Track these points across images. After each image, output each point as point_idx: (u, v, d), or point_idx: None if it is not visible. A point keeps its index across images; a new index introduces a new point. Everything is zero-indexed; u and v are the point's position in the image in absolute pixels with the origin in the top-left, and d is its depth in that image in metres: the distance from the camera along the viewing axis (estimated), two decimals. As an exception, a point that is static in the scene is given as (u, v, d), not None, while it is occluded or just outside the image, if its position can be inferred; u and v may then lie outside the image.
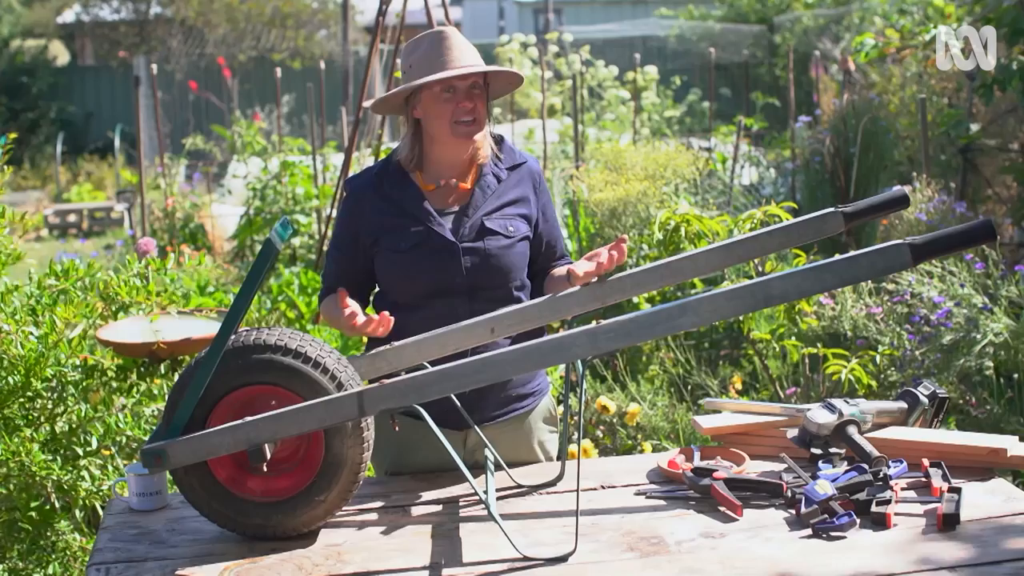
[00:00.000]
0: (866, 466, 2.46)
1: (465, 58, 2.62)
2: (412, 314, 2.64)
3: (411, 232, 2.64)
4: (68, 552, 3.21)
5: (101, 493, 3.15)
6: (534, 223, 2.75)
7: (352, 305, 2.49)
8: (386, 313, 2.47)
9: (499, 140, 2.77)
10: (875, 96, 7.59)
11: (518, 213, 2.72)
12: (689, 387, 4.97)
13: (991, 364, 4.23)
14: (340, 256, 2.74)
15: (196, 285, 5.71)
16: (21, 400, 3.14)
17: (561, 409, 2.92)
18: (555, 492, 2.59)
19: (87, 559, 2.60)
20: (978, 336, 4.17)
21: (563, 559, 2.23)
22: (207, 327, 3.52)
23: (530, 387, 2.79)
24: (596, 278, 2.50)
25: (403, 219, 2.66)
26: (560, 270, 2.75)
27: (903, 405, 2.72)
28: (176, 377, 3.20)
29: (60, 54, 22.30)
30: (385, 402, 2.29)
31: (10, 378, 3.10)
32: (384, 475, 2.80)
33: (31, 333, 3.15)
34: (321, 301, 2.76)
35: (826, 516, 2.30)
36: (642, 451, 4.28)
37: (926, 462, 2.49)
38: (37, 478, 3.08)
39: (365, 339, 2.82)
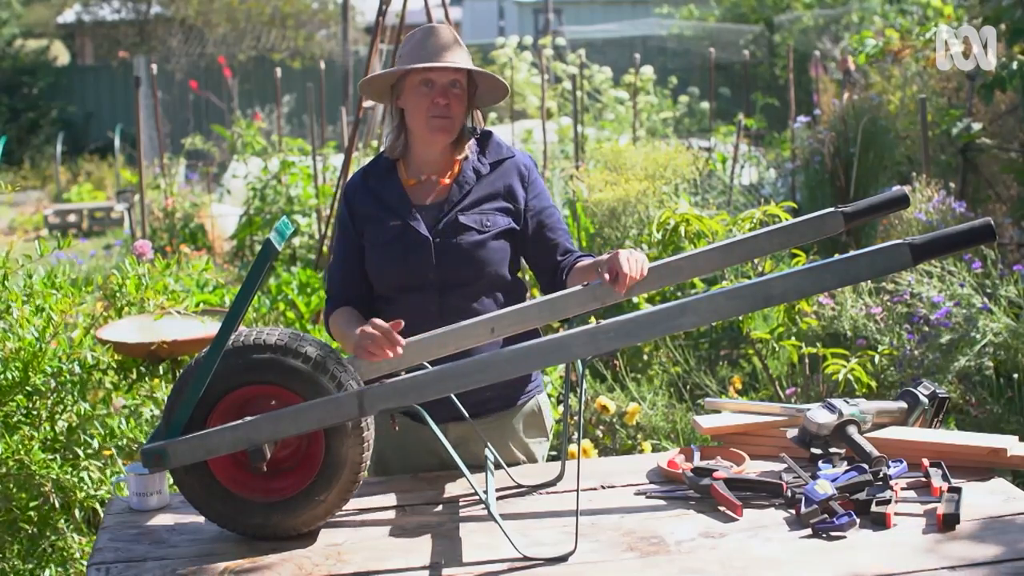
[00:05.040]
0: (866, 466, 2.46)
1: (450, 55, 2.62)
2: (387, 306, 2.67)
3: (390, 226, 2.67)
4: (67, 552, 3.21)
5: (100, 494, 3.15)
6: (521, 217, 2.73)
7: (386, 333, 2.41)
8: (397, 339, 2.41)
9: (486, 136, 2.76)
10: (875, 96, 7.58)
11: (497, 208, 2.70)
12: (689, 387, 4.97)
13: (991, 364, 4.23)
14: (343, 259, 2.74)
15: (195, 284, 5.71)
16: (20, 397, 3.13)
17: (560, 410, 2.92)
18: (555, 492, 2.59)
19: (87, 559, 2.60)
20: (978, 336, 4.17)
21: (563, 559, 2.23)
22: (207, 327, 3.53)
23: (518, 390, 2.78)
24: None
25: (384, 213, 2.69)
26: (584, 262, 2.66)
27: (903, 405, 2.72)
28: (176, 377, 3.21)
29: (60, 54, 22.30)
30: (385, 402, 2.29)
31: (8, 373, 3.10)
32: (384, 475, 2.80)
33: (28, 322, 3.15)
34: (327, 316, 2.73)
35: (826, 516, 2.30)
36: (642, 451, 4.28)
37: (926, 462, 2.49)
38: (36, 477, 3.08)
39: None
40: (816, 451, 2.58)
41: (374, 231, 2.69)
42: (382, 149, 2.78)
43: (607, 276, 2.42)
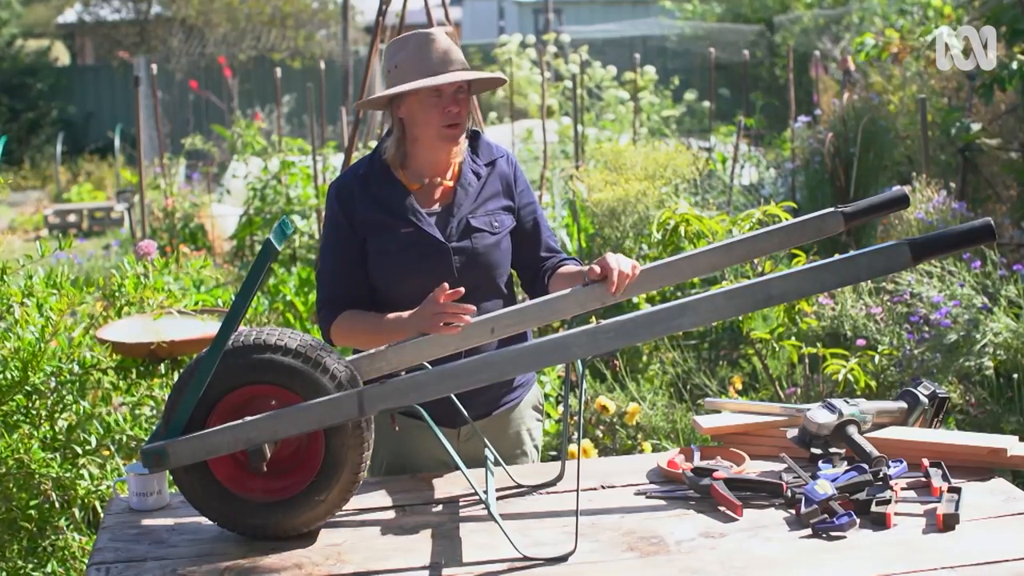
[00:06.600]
0: (866, 466, 2.46)
1: (451, 61, 2.60)
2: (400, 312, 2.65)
3: (400, 233, 2.64)
4: (68, 551, 3.21)
5: (100, 492, 3.15)
6: (516, 213, 2.75)
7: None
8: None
9: (475, 136, 2.76)
10: (875, 96, 7.59)
11: (500, 207, 2.72)
12: (689, 387, 4.97)
13: (991, 364, 4.23)
14: (340, 263, 2.69)
15: (193, 284, 5.71)
16: (19, 396, 3.13)
17: (560, 410, 2.92)
18: (555, 492, 2.59)
19: (87, 559, 2.60)
20: (978, 336, 4.17)
21: (563, 559, 2.23)
22: (207, 327, 3.53)
23: (518, 380, 2.81)
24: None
25: (392, 219, 2.65)
26: (570, 268, 2.70)
27: (903, 405, 2.72)
28: (176, 377, 3.21)
29: (60, 54, 22.32)
30: (385, 402, 2.30)
31: (7, 372, 3.10)
32: (384, 475, 2.80)
33: (28, 322, 3.15)
34: (329, 321, 2.66)
35: (826, 516, 2.30)
36: (642, 451, 4.28)
37: (926, 462, 2.49)
38: (36, 476, 3.08)
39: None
40: (816, 451, 2.58)
41: (382, 239, 2.65)
42: (375, 152, 2.74)
43: (597, 269, 2.44)
